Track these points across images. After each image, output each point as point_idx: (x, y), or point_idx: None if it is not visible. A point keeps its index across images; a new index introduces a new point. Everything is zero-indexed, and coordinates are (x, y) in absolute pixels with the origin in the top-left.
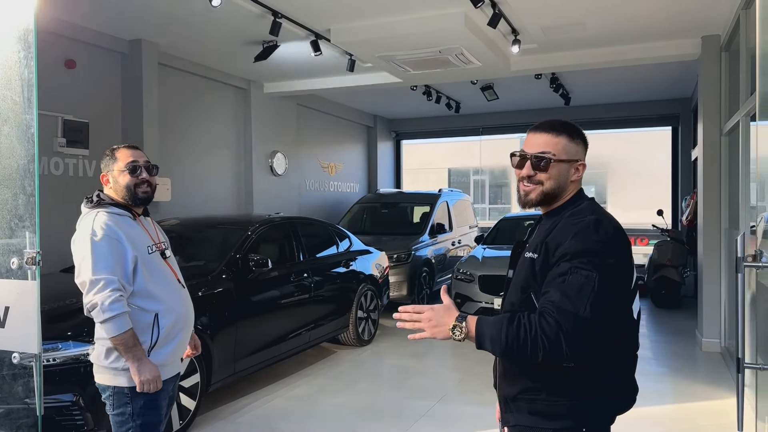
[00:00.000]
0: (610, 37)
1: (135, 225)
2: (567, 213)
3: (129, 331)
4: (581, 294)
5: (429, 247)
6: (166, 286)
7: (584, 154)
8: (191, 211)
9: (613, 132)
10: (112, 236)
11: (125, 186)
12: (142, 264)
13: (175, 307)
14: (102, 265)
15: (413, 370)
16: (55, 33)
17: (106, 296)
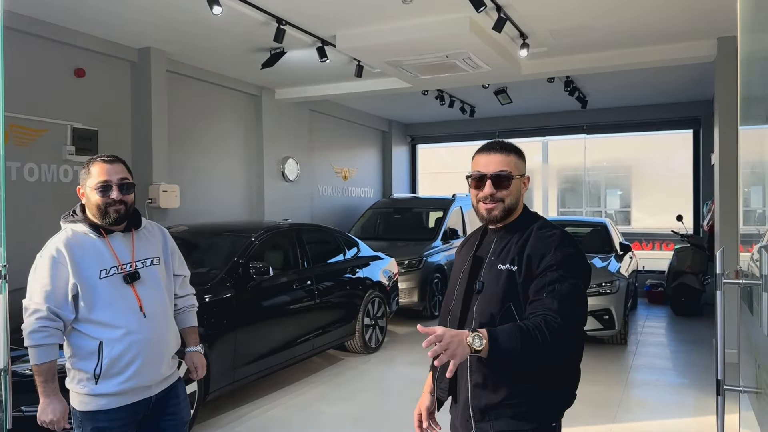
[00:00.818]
0: (620, 40)
1: (98, 245)
2: (533, 226)
3: (45, 365)
4: (572, 300)
5: (442, 252)
6: (116, 314)
7: (525, 169)
8: (201, 217)
9: (634, 135)
10: (57, 258)
11: (95, 205)
12: (86, 291)
13: (127, 337)
14: (35, 289)
15: (419, 379)
16: (64, 42)
17: (29, 324)
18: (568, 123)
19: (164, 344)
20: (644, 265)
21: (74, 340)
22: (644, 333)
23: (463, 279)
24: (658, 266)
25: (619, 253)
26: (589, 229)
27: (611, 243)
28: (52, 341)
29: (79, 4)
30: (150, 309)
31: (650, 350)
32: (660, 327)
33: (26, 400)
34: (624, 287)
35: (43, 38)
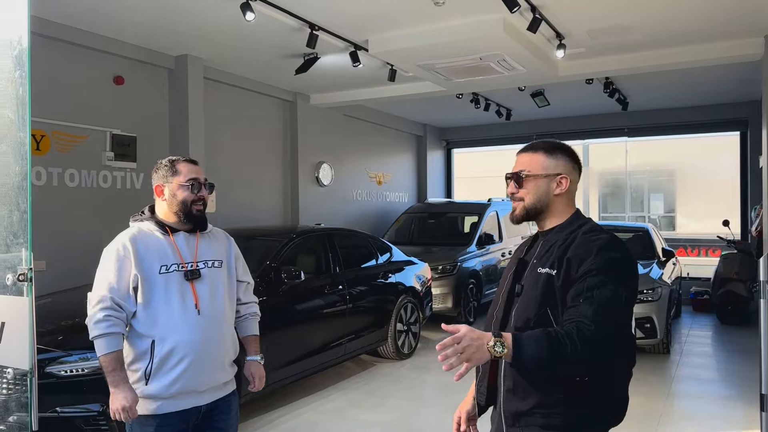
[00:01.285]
0: (662, 39)
1: (162, 242)
2: (580, 230)
3: (111, 354)
4: (610, 308)
5: (477, 258)
6: (171, 311)
7: (569, 168)
8: (237, 222)
9: (678, 137)
10: (121, 252)
11: (182, 201)
12: (145, 284)
13: (178, 335)
14: (101, 281)
15: (453, 386)
16: (104, 51)
17: (93, 315)
18: (609, 125)
19: (219, 348)
20: (689, 271)
21: (130, 339)
22: (688, 342)
23: (508, 282)
24: (703, 273)
25: (661, 259)
26: (631, 235)
27: (653, 249)
28: (116, 330)
29: (120, 13)
30: (206, 308)
31: (694, 360)
32: (705, 336)
33: (61, 402)
34: (666, 294)
35: (85, 47)
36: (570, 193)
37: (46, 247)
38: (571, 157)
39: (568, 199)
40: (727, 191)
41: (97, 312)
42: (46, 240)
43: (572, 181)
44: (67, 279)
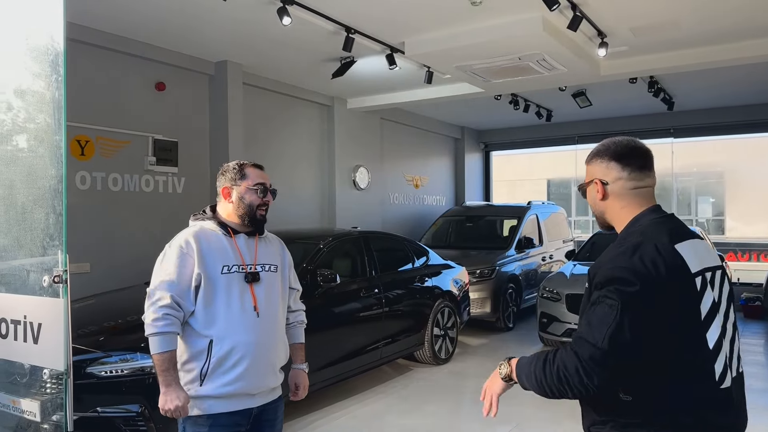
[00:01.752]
0: (709, 36)
1: (223, 242)
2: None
3: (166, 354)
4: (602, 324)
5: (516, 262)
6: (231, 311)
7: (602, 170)
8: (274, 225)
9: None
10: (185, 249)
11: (249, 204)
12: (207, 283)
13: (237, 336)
14: (162, 277)
15: None
16: (146, 58)
17: (152, 311)
18: (654, 126)
19: (273, 352)
20: (739, 277)
21: (186, 338)
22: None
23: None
24: (754, 278)
25: None
26: None
27: None
28: (173, 329)
29: (161, 21)
30: (264, 311)
31: (747, 370)
32: (757, 344)
33: (101, 402)
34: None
35: (127, 54)
36: (619, 196)
37: (89, 250)
38: (607, 157)
39: (622, 202)
40: None
41: (156, 309)
42: (89, 242)
43: (612, 182)
44: (110, 281)
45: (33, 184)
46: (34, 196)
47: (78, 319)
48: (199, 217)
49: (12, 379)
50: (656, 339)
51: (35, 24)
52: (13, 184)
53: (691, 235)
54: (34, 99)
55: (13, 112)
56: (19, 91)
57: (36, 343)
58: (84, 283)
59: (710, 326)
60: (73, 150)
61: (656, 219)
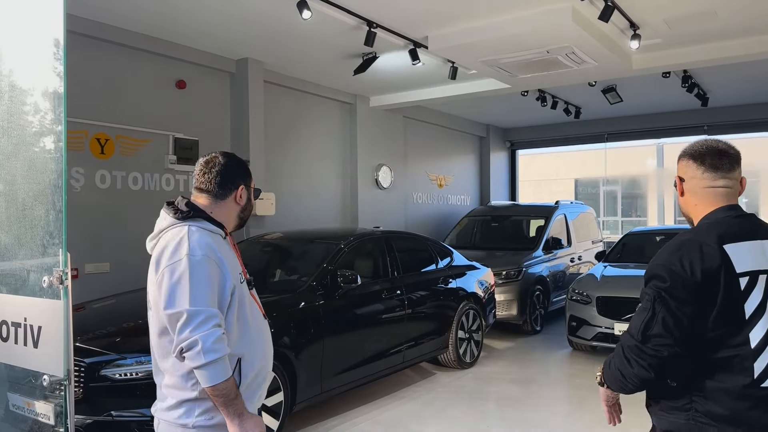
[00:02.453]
0: (747, 27)
1: (226, 246)
2: None
3: (232, 378)
4: (638, 318)
5: (543, 263)
6: (254, 323)
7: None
8: (296, 225)
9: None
10: (213, 258)
11: (251, 206)
12: (236, 294)
13: (262, 351)
14: (203, 293)
15: (517, 399)
16: (167, 56)
17: (209, 334)
18: (687, 123)
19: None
20: None
21: None
22: None
23: None
24: None
25: None
26: None
27: None
28: (229, 351)
29: (182, 18)
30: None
31: None
32: None
33: (116, 405)
34: None
35: (148, 52)
36: (694, 194)
37: (109, 250)
38: (687, 156)
39: (696, 199)
40: None
41: (213, 330)
42: (110, 242)
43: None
44: (130, 281)
45: (33, 179)
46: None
47: (96, 320)
48: (191, 216)
49: (27, 381)
50: (692, 333)
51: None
52: (14, 180)
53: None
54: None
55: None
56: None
57: (36, 347)
58: (104, 283)
59: (755, 325)
60: (93, 149)
61: (721, 218)
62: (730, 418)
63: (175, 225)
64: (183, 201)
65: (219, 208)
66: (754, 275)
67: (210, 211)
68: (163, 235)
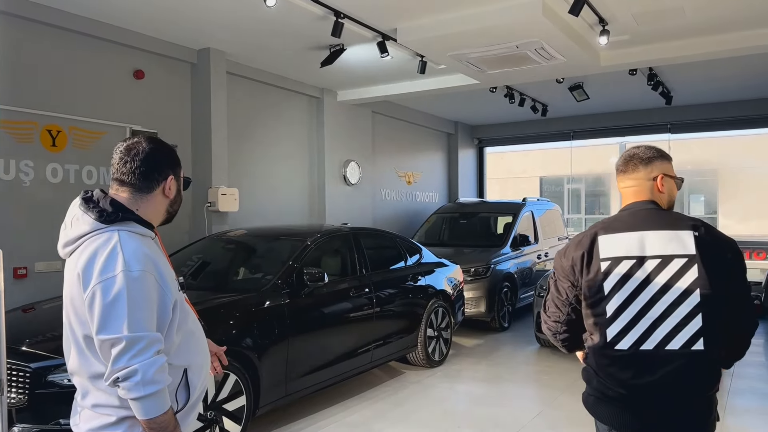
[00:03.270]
0: (714, 24)
1: (158, 249)
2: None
3: (170, 411)
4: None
5: (511, 260)
6: (193, 331)
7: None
8: (261, 221)
9: (722, 135)
10: (152, 272)
11: (181, 199)
12: (177, 306)
13: (205, 357)
14: (142, 314)
15: (486, 398)
16: (124, 44)
17: (150, 363)
18: (651, 121)
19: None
20: None
21: None
22: None
23: None
24: (749, 276)
25: None
26: None
27: None
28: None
29: (140, 5)
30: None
31: (750, 371)
32: (758, 344)
33: (65, 413)
34: None
35: (103, 40)
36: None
37: None
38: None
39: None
40: None
41: (155, 358)
42: None
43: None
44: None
45: None
46: None
47: (46, 322)
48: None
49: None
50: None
51: None
52: None
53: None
54: None
55: None
56: None
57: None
58: (56, 282)
59: (611, 299)
60: (43, 141)
61: (619, 213)
62: (598, 370)
63: (100, 231)
64: (105, 198)
65: (145, 204)
66: (617, 260)
67: (136, 208)
68: (86, 243)
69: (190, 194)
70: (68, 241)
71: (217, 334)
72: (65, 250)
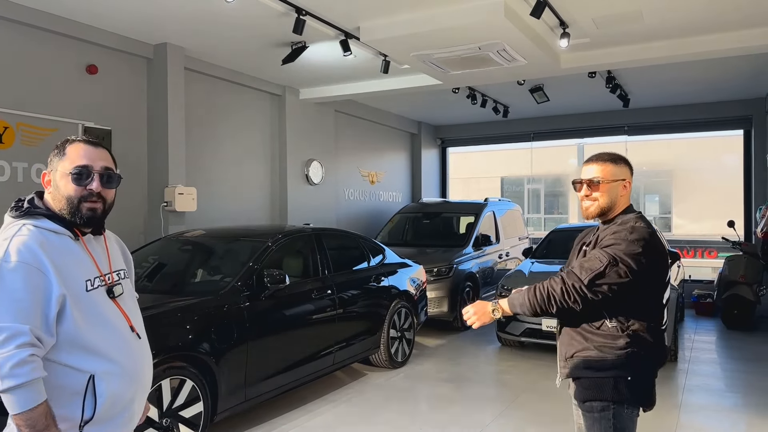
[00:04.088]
0: (672, 29)
1: (75, 249)
2: (619, 220)
3: (40, 407)
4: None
5: (473, 260)
6: (109, 337)
7: (629, 174)
8: (220, 222)
9: (677, 137)
10: (33, 264)
11: (66, 196)
12: (74, 305)
13: (124, 368)
14: (10, 306)
15: (449, 398)
16: (75, 38)
17: (10, 355)
18: (608, 123)
19: (150, 378)
20: (690, 274)
21: (51, 377)
22: (695, 348)
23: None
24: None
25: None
26: None
27: None
28: (41, 374)
29: None
30: (140, 330)
31: (704, 369)
32: (711, 342)
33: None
34: (674, 299)
35: (54, 33)
36: (629, 193)
37: None
38: (630, 165)
39: (627, 198)
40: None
41: (14, 351)
42: None
43: (630, 184)
44: None
45: None
46: None
47: None
48: (26, 210)
49: None
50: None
51: None
52: None
53: None
54: None
55: None
56: None
57: None
58: None
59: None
60: None
61: (640, 213)
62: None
63: (10, 224)
64: (30, 195)
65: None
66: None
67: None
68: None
69: (146, 193)
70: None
71: (172, 339)
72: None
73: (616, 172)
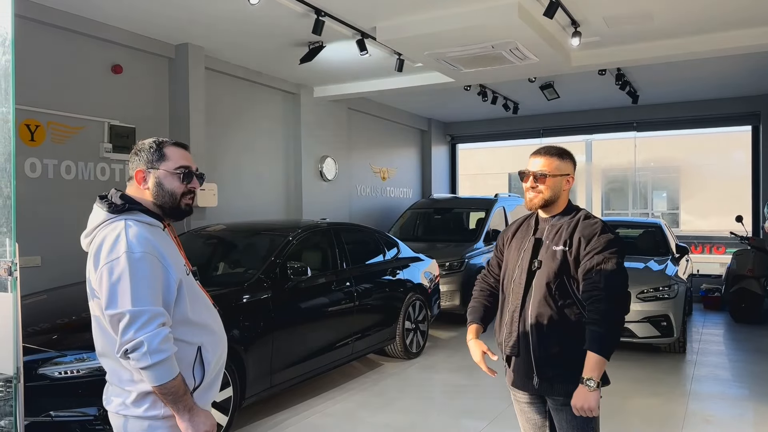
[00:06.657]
0: (681, 28)
1: (168, 238)
2: (579, 215)
3: (179, 376)
4: (615, 277)
5: (484, 254)
6: (206, 311)
7: (573, 170)
8: (239, 216)
9: (685, 133)
10: (154, 254)
11: (171, 192)
12: (185, 287)
13: (221, 337)
14: (145, 291)
15: (464, 387)
16: (102, 39)
17: (154, 334)
18: (617, 120)
19: None
20: (698, 268)
21: None
22: (703, 341)
23: (526, 256)
24: (709, 270)
25: (675, 255)
26: (642, 231)
27: (667, 245)
28: (176, 349)
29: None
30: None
31: (712, 360)
32: (719, 335)
33: (56, 405)
34: (683, 292)
35: (81, 34)
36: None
37: (41, 242)
38: (574, 161)
39: (569, 192)
40: (733, 187)
41: (158, 330)
42: (41, 235)
43: (573, 179)
44: (63, 275)
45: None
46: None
47: (29, 316)
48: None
49: None
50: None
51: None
52: None
53: None
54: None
55: None
56: None
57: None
58: (35, 277)
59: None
60: (22, 135)
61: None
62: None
63: (110, 220)
64: (117, 194)
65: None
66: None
67: (141, 201)
68: (98, 232)
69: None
70: (86, 232)
71: None
72: (85, 242)
73: (561, 166)
